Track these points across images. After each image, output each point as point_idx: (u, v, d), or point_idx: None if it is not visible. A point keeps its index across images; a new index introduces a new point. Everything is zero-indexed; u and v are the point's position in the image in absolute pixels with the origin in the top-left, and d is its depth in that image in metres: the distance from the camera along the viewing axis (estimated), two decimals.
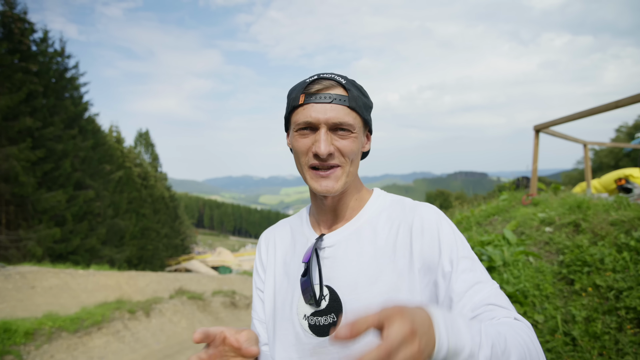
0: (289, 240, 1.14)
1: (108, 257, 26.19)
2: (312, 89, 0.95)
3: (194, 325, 10.85)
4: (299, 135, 0.97)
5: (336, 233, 1.04)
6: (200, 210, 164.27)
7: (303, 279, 0.99)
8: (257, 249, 1.22)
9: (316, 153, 0.94)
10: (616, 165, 26.98)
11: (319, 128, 0.94)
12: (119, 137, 39.79)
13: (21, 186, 19.51)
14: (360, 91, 1.00)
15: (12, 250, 19.23)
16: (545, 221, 4.97)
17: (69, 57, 26.00)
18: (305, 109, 0.95)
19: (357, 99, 0.96)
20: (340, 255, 1.01)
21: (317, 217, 1.10)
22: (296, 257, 1.08)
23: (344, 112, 0.94)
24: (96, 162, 27.55)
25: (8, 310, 8.78)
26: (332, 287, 0.98)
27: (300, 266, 1.04)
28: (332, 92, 0.94)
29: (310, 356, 0.97)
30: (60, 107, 23.86)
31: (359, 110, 0.96)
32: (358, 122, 0.97)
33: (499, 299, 0.85)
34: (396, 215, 1.02)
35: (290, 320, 1.02)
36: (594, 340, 3.00)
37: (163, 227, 42.19)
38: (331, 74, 0.98)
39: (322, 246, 1.03)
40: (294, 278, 1.05)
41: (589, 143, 7.71)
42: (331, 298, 0.97)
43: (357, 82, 1.02)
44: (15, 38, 20.80)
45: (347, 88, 0.95)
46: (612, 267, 3.47)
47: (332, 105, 0.93)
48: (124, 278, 14.49)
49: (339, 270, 0.99)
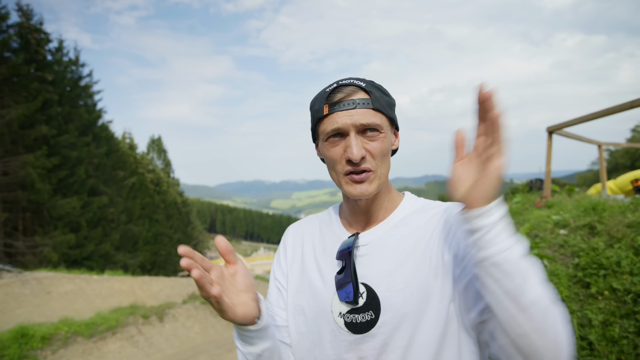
0: (318, 237, 1.15)
1: (122, 263, 26.45)
2: (334, 98, 0.97)
3: (207, 330, 10.90)
4: (329, 144, 1.00)
5: (371, 232, 1.06)
6: (212, 215, 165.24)
7: (339, 277, 1.01)
8: (282, 241, 1.23)
9: (349, 158, 0.96)
10: (632, 165, 26.46)
11: (348, 133, 0.96)
12: (132, 143, 40.27)
13: (37, 193, 19.83)
14: (381, 91, 1.02)
15: (28, 256, 19.54)
16: (560, 223, 4.90)
17: (83, 65, 26.39)
18: (331, 118, 0.97)
19: (380, 99, 0.98)
20: (375, 253, 1.02)
21: (350, 219, 1.11)
22: (327, 254, 1.09)
23: (369, 115, 0.96)
24: (110, 169, 27.90)
25: (25, 315, 8.92)
26: (368, 285, 0.99)
27: (333, 263, 1.06)
28: (354, 98, 0.96)
29: (346, 353, 0.98)
30: (75, 115, 24.24)
31: (384, 110, 0.98)
32: (385, 122, 0.99)
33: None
34: (429, 215, 1.04)
35: (324, 318, 1.02)
36: (611, 345, 2.95)
37: (176, 233, 42.49)
38: (349, 80, 0.99)
39: (356, 245, 1.04)
40: (328, 276, 1.05)
41: (604, 144, 7.60)
42: (368, 296, 0.98)
43: (376, 83, 1.03)
44: (32, 48, 21.22)
45: (368, 91, 0.97)
46: (629, 270, 3.40)
47: (357, 110, 0.95)
48: (138, 283, 14.61)
49: (375, 268, 1.00)
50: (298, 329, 1.08)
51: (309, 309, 1.06)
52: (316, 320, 1.03)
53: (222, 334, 11.12)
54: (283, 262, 1.18)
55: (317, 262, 1.10)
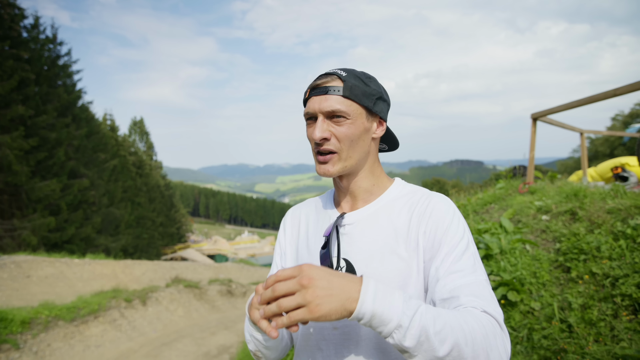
0: (314, 217, 1.24)
1: (103, 246, 26.14)
2: (314, 83, 1.08)
3: (191, 314, 10.90)
4: (307, 125, 1.11)
5: (356, 213, 1.14)
6: (195, 198, 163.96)
7: (323, 251, 1.09)
8: (282, 223, 1.33)
9: (312, 138, 1.07)
10: (612, 153, 27.08)
11: (317, 117, 1.06)
12: (113, 125, 39.45)
13: (14, 175, 19.33)
14: (361, 80, 1.08)
15: (6, 239, 19.13)
16: (542, 209, 4.98)
17: (61, 44, 25.52)
18: (309, 102, 1.08)
19: (353, 87, 1.05)
20: (358, 232, 1.10)
21: (338, 199, 1.21)
22: (318, 232, 1.18)
23: (337, 101, 1.03)
24: (90, 151, 27.30)
25: (4, 300, 8.76)
26: (348, 260, 1.08)
27: (321, 240, 1.14)
28: (328, 85, 1.05)
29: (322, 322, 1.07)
30: (53, 95, 23.54)
31: (355, 98, 1.04)
32: (354, 109, 1.05)
33: (478, 289, 0.91)
34: (412, 202, 1.11)
35: None
36: (589, 327, 3.03)
37: (158, 216, 42.09)
38: (335, 69, 1.09)
39: (342, 224, 1.13)
40: (314, 250, 1.15)
41: (586, 131, 7.71)
42: (347, 270, 1.07)
43: (362, 74, 1.10)
44: (5, 24, 20.39)
45: (343, 79, 1.05)
46: (609, 255, 3.48)
47: (327, 95, 1.04)
48: (120, 267, 14.49)
49: (356, 245, 1.09)
50: None
51: None
52: None
53: (206, 317, 11.14)
54: (282, 242, 1.29)
55: (309, 240, 1.19)
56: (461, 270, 0.95)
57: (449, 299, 0.90)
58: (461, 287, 0.91)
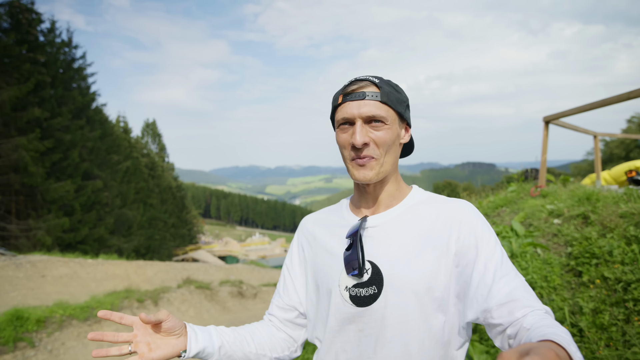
0: (330, 222, 1.25)
1: (116, 247, 26.47)
2: (348, 89, 1.08)
3: (202, 315, 10.98)
4: (340, 130, 1.10)
5: (379, 216, 1.14)
6: (207, 200, 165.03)
7: (347, 253, 1.09)
8: (296, 233, 1.34)
9: (352, 144, 1.05)
10: (627, 156, 26.59)
11: (355, 122, 1.06)
12: (126, 127, 39.93)
13: (30, 176, 19.70)
14: (393, 88, 1.10)
15: (22, 239, 19.49)
16: (554, 213, 4.94)
17: (76, 47, 25.99)
18: (343, 107, 1.08)
19: (389, 94, 1.07)
20: (382, 235, 1.11)
21: (359, 204, 1.20)
22: (336, 237, 1.18)
23: (376, 106, 1.05)
24: (104, 153, 27.71)
25: (20, 299, 8.93)
26: (374, 262, 1.08)
27: (343, 243, 1.15)
28: (365, 90, 1.06)
29: (349, 324, 1.08)
30: (68, 98, 23.95)
31: (391, 104, 1.06)
32: (391, 115, 1.07)
33: (527, 289, 0.96)
34: (436, 206, 1.12)
35: (333, 291, 1.12)
36: (601, 332, 3.00)
37: (170, 217, 42.48)
38: (366, 76, 1.10)
39: (365, 226, 1.13)
40: (337, 254, 1.15)
41: (600, 134, 7.62)
42: (373, 272, 1.07)
43: (392, 82, 1.13)
44: (23, 29, 20.83)
45: (379, 86, 1.07)
46: (621, 260, 3.44)
47: (365, 101, 1.05)
48: (132, 267, 14.64)
49: (381, 248, 1.09)
50: (311, 302, 1.21)
51: (321, 284, 1.17)
52: (326, 294, 1.14)
53: (217, 318, 11.21)
54: (295, 252, 1.31)
55: (329, 244, 1.19)
56: (507, 274, 0.98)
57: (507, 302, 0.92)
58: (514, 290, 0.94)
